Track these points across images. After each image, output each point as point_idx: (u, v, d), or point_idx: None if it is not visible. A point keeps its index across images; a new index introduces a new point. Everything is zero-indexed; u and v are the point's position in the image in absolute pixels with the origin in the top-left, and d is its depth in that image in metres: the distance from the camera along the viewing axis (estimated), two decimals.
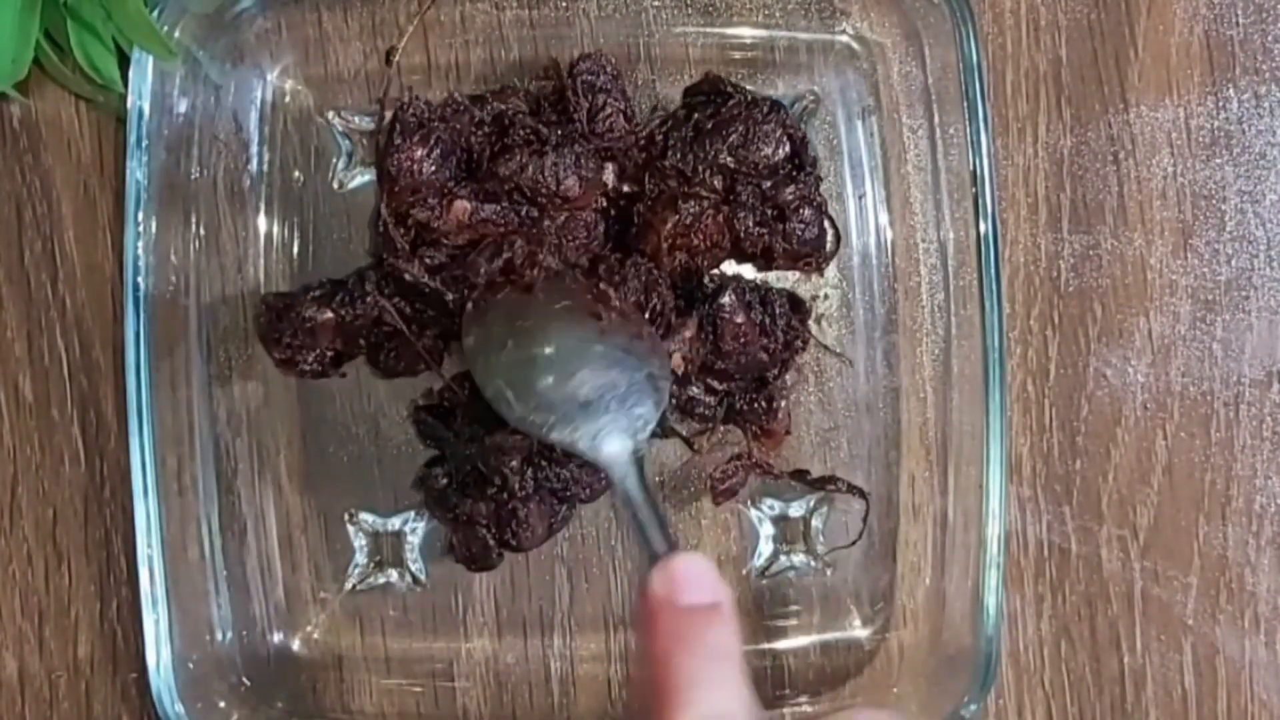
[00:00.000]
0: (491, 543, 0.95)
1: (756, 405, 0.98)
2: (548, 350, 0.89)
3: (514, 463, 0.93)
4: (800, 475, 0.99)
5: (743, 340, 0.95)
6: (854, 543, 0.99)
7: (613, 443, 0.85)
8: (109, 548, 0.98)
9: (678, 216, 0.94)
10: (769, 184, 0.97)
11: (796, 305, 0.99)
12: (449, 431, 0.96)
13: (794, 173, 0.97)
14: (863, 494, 0.98)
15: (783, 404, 0.99)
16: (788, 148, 0.97)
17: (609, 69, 0.96)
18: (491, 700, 0.99)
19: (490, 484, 0.94)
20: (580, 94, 0.95)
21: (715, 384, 0.98)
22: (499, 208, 0.95)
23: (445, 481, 0.97)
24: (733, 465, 0.98)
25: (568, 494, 0.96)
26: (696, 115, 0.97)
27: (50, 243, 0.98)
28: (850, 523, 1.00)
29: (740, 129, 0.96)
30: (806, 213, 0.97)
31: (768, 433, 0.99)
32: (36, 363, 0.98)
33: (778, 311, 0.96)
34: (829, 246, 0.99)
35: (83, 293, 0.98)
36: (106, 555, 0.98)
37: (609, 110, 0.95)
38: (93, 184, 0.99)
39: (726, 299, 0.94)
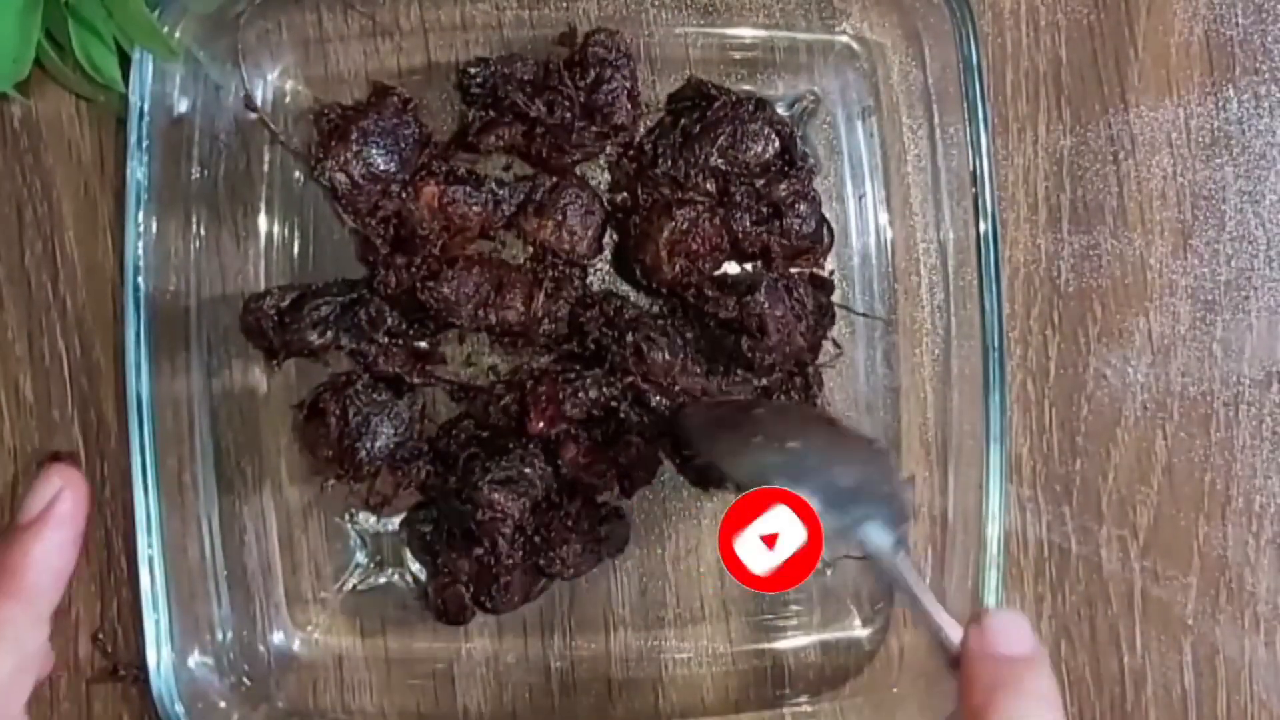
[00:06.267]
0: (468, 601, 0.96)
1: (795, 394, 0.98)
2: (800, 445, 0.89)
3: (507, 530, 0.94)
4: None
5: (786, 331, 0.95)
6: (864, 556, 0.99)
7: (878, 532, 0.85)
8: (109, 547, 0.98)
9: (674, 224, 0.95)
10: (762, 182, 0.97)
11: (820, 284, 0.99)
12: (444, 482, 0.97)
13: (785, 169, 0.98)
14: None
15: (821, 391, 0.99)
16: (777, 144, 0.97)
17: (622, 47, 0.96)
18: (491, 700, 0.99)
19: (479, 544, 0.94)
20: (590, 64, 0.95)
21: (754, 380, 0.98)
22: (467, 189, 0.95)
23: (431, 529, 0.98)
24: None
25: (553, 571, 0.96)
26: (683, 121, 0.98)
27: (51, 243, 0.98)
28: None
29: (728, 130, 0.96)
30: (802, 208, 0.97)
31: None
32: (37, 363, 0.98)
33: (805, 295, 0.96)
34: (825, 239, 0.99)
35: (83, 293, 0.98)
36: (107, 555, 0.98)
37: (614, 85, 0.95)
38: (93, 184, 0.99)
39: (762, 295, 0.94)
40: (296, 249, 0.98)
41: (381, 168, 0.94)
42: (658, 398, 0.95)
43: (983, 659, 0.77)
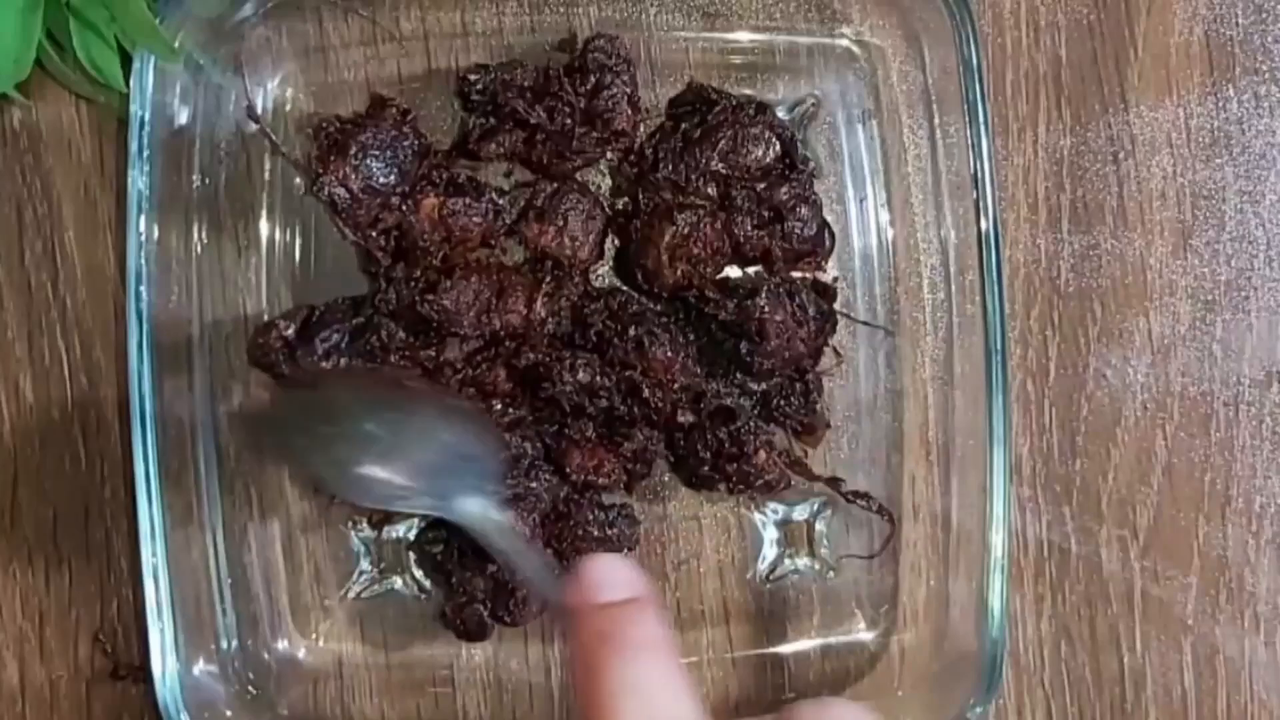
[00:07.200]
0: (488, 619, 0.96)
1: (794, 400, 0.98)
2: (369, 426, 0.86)
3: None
4: (835, 483, 0.99)
5: (786, 336, 0.95)
6: (874, 555, 1.00)
7: (468, 502, 0.83)
8: (109, 548, 0.98)
9: (675, 228, 0.95)
10: (763, 186, 0.97)
11: (822, 291, 0.99)
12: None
13: (786, 172, 0.98)
14: (891, 518, 0.99)
15: (820, 398, 0.99)
16: (778, 147, 0.97)
17: (622, 52, 0.96)
18: (492, 703, 0.99)
19: (491, 561, 0.94)
20: (590, 70, 0.95)
21: (752, 385, 0.98)
22: (467, 200, 0.95)
23: (441, 549, 0.98)
24: (772, 460, 0.98)
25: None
26: (684, 125, 0.98)
27: (50, 243, 0.98)
28: (852, 525, 1.01)
29: (729, 134, 0.96)
30: (803, 211, 0.97)
31: (808, 428, 0.99)
32: (37, 363, 0.98)
33: (806, 301, 0.96)
34: (826, 243, 0.99)
35: (83, 293, 0.98)
36: (107, 556, 0.98)
37: (615, 90, 0.95)
38: (93, 185, 0.98)
39: (763, 299, 0.94)
40: (299, 255, 0.98)
41: (381, 181, 0.94)
42: (653, 389, 0.96)
43: (586, 613, 0.72)
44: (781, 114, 0.99)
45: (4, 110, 0.98)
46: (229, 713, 0.92)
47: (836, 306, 0.99)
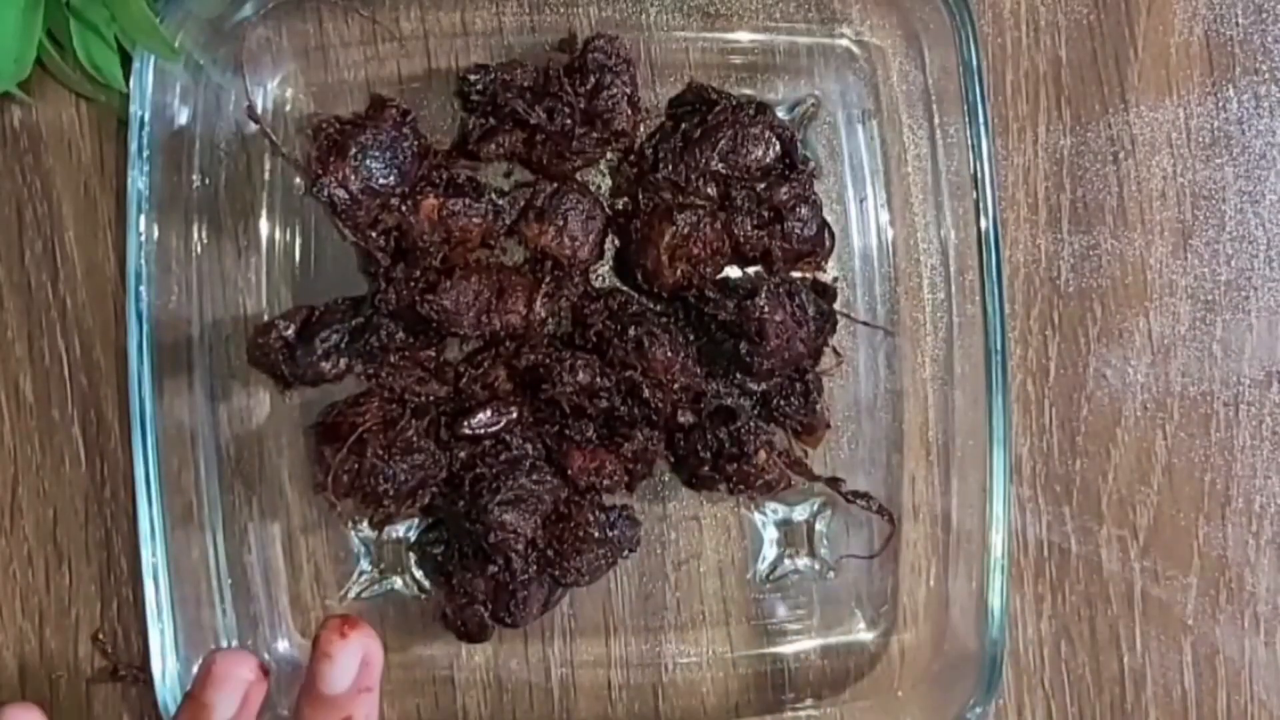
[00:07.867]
0: (488, 619, 0.96)
1: (794, 400, 0.98)
2: None
3: (520, 546, 0.94)
4: (835, 483, 0.99)
5: (785, 337, 0.95)
6: (874, 555, 1.00)
7: None
8: (109, 548, 0.98)
9: (675, 228, 0.94)
10: (763, 186, 0.97)
11: (822, 290, 0.99)
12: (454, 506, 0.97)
13: (786, 172, 0.97)
14: (891, 518, 0.99)
15: (820, 398, 0.99)
16: (778, 147, 0.97)
17: (622, 52, 0.95)
18: (492, 703, 0.99)
19: (492, 562, 0.94)
20: (590, 70, 0.95)
21: (752, 385, 0.98)
22: (466, 201, 0.95)
23: (442, 549, 0.98)
24: (772, 460, 0.97)
25: (569, 580, 0.96)
26: (684, 125, 0.97)
27: (51, 243, 0.98)
28: (852, 525, 1.01)
29: (729, 134, 0.96)
30: (803, 211, 0.96)
31: (808, 428, 0.99)
32: (37, 363, 0.98)
33: (806, 301, 0.96)
34: (826, 243, 0.99)
35: (83, 293, 0.98)
36: (107, 555, 0.98)
37: (615, 90, 0.95)
38: (93, 184, 0.98)
39: (763, 299, 0.94)
40: (299, 255, 0.98)
41: (380, 182, 0.93)
42: (653, 390, 0.95)
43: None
44: (781, 114, 0.99)
45: (4, 110, 0.98)
46: None
47: (836, 306, 0.99)
